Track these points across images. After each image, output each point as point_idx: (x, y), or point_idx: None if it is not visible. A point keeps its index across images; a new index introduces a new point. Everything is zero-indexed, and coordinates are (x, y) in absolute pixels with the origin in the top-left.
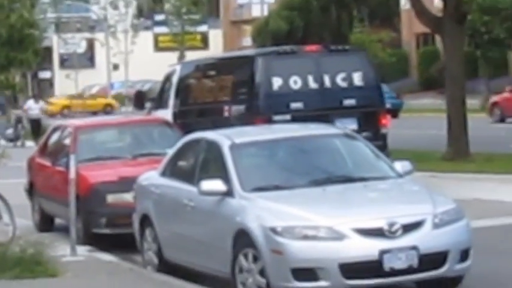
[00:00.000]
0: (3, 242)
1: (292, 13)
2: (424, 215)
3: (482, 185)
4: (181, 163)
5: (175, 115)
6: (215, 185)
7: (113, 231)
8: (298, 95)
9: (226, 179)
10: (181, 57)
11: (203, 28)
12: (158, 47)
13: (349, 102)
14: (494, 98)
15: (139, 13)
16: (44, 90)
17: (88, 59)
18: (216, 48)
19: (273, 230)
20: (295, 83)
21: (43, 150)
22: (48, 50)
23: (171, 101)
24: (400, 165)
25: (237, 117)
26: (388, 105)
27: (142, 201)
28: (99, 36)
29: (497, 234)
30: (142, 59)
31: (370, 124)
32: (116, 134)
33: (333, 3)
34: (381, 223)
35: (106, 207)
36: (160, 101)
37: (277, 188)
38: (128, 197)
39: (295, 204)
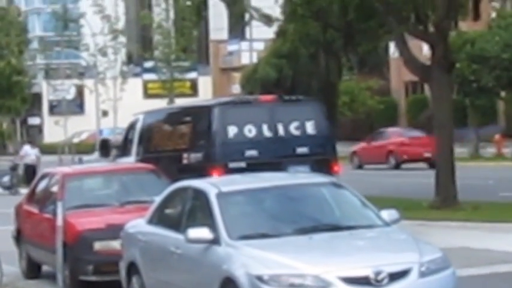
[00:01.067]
0: None
1: (280, 61)
2: (411, 264)
3: (470, 233)
4: (169, 211)
5: (139, 162)
6: (202, 233)
7: (100, 279)
8: (253, 143)
9: (213, 227)
10: (170, 104)
11: (193, 75)
12: (147, 94)
13: (302, 150)
14: (353, 148)
15: (129, 60)
16: (33, 136)
17: (77, 106)
18: (206, 95)
19: (259, 278)
20: (250, 131)
21: (31, 197)
22: (38, 96)
23: (134, 149)
24: (387, 214)
25: (195, 165)
26: None
27: (129, 248)
28: (89, 82)
29: (485, 283)
30: (132, 106)
31: (322, 171)
32: (104, 182)
33: (322, 52)
34: (367, 271)
35: (93, 254)
36: (124, 149)
37: (263, 236)
38: (115, 244)
39: (281, 252)
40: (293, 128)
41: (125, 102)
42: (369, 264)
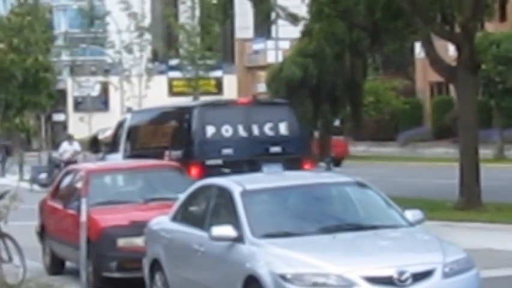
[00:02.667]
0: (14, 284)
1: (306, 60)
2: (434, 264)
3: (494, 234)
4: (192, 208)
5: (126, 158)
6: (226, 230)
7: (123, 275)
8: (229, 142)
9: (236, 225)
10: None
11: (218, 73)
12: (172, 92)
13: (275, 149)
14: None
15: (154, 57)
16: (57, 133)
17: (102, 102)
18: (231, 93)
19: (283, 277)
20: (227, 131)
21: (55, 193)
22: (63, 93)
23: (122, 146)
24: (411, 214)
25: (175, 161)
26: None
27: (152, 245)
28: (114, 79)
29: (508, 285)
30: (156, 103)
31: (294, 169)
32: (128, 178)
33: (347, 51)
34: (391, 271)
35: (117, 251)
36: (113, 146)
37: (287, 234)
38: (139, 241)
39: (305, 251)
40: (267, 129)
41: (149, 100)
42: (393, 264)
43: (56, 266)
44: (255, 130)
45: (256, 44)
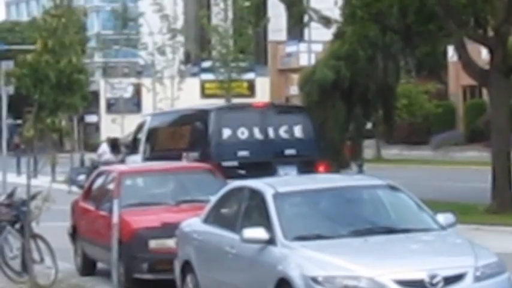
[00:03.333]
0: (45, 285)
1: (338, 63)
2: (466, 268)
3: None
4: (224, 210)
5: (145, 159)
6: (257, 233)
7: (155, 277)
8: (244, 144)
9: (268, 227)
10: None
11: (250, 76)
12: (205, 94)
13: (289, 151)
14: None
15: (187, 59)
16: (89, 134)
17: (134, 104)
18: (263, 96)
19: (314, 280)
20: (243, 133)
21: (87, 194)
22: (95, 94)
23: (142, 147)
24: (443, 218)
25: (193, 162)
26: None
27: (184, 247)
28: (146, 81)
29: None
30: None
31: (308, 171)
32: (160, 180)
33: (380, 54)
34: (422, 275)
35: (148, 252)
36: (133, 147)
37: (319, 237)
38: (170, 243)
39: (336, 254)
40: (282, 132)
41: (182, 102)
42: (424, 267)
43: (88, 267)
44: (270, 133)
45: (289, 47)
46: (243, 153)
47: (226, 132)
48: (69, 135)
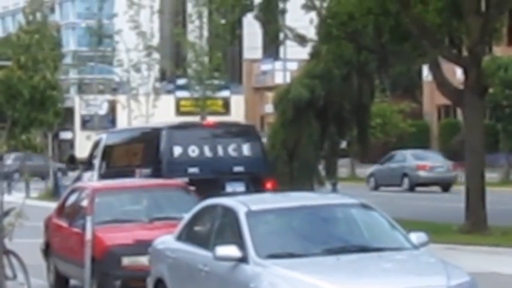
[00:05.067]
0: None
1: (313, 81)
2: (438, 287)
3: (499, 258)
4: (197, 228)
5: (101, 176)
6: (230, 250)
7: None
8: (195, 161)
9: (241, 245)
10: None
11: (225, 93)
12: (180, 111)
13: (238, 168)
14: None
15: (162, 77)
16: (64, 151)
17: (109, 121)
18: (238, 113)
19: None
20: (193, 151)
21: (60, 211)
22: (70, 111)
23: (97, 164)
24: (416, 237)
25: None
26: None
27: (157, 264)
28: (121, 98)
29: None
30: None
31: (256, 188)
32: (133, 197)
33: (355, 73)
34: None
35: (121, 269)
36: (89, 164)
37: (292, 255)
38: (143, 260)
39: (309, 273)
40: (231, 150)
41: (156, 119)
42: (397, 286)
43: (60, 284)
44: (220, 151)
45: (264, 65)
46: (193, 170)
47: (177, 150)
48: (43, 152)
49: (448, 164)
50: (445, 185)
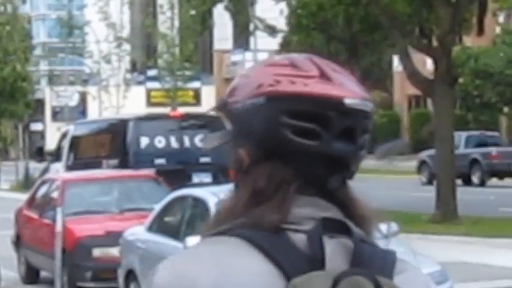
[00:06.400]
0: None
1: None
2: None
3: (469, 248)
4: (168, 219)
5: (68, 167)
6: None
7: (98, 285)
8: (161, 152)
9: None
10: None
11: (196, 84)
12: (150, 102)
13: (204, 159)
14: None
15: (132, 68)
16: (34, 142)
17: (80, 112)
18: (209, 104)
19: None
20: (160, 142)
21: (31, 203)
22: (41, 102)
23: (65, 155)
24: (386, 226)
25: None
26: None
27: (127, 255)
28: (92, 89)
29: None
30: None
31: (222, 178)
32: (104, 188)
33: None
34: None
35: (91, 261)
36: (57, 155)
37: None
38: (114, 251)
39: None
40: (197, 140)
41: (127, 110)
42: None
43: (31, 276)
44: (186, 141)
45: (235, 56)
46: (159, 161)
47: (144, 141)
48: (13, 144)
49: None
50: None
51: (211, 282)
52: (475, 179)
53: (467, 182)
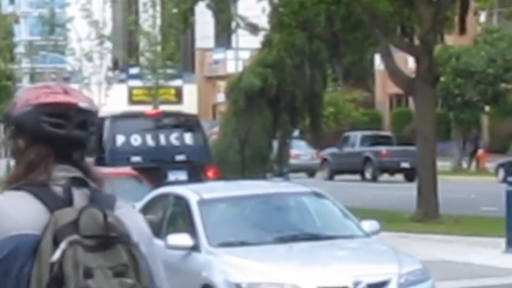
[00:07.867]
0: None
1: (266, 70)
2: (390, 275)
3: (450, 246)
4: (149, 217)
5: None
6: (182, 239)
7: None
8: (137, 150)
9: (193, 234)
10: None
11: (178, 82)
12: (132, 100)
13: (180, 157)
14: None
15: (114, 66)
16: None
17: None
18: (191, 102)
19: (238, 286)
20: (136, 140)
21: None
22: None
23: None
24: (368, 225)
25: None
26: None
27: None
28: (74, 87)
29: None
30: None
31: (197, 176)
32: None
33: (307, 62)
34: (347, 282)
35: None
36: None
37: (243, 243)
38: None
39: (261, 261)
40: (173, 138)
41: (109, 108)
42: (348, 274)
43: None
44: (162, 140)
45: (217, 54)
46: (135, 158)
47: (120, 139)
48: None
49: (312, 152)
50: (310, 172)
51: (6, 210)
52: (367, 174)
53: (363, 177)
